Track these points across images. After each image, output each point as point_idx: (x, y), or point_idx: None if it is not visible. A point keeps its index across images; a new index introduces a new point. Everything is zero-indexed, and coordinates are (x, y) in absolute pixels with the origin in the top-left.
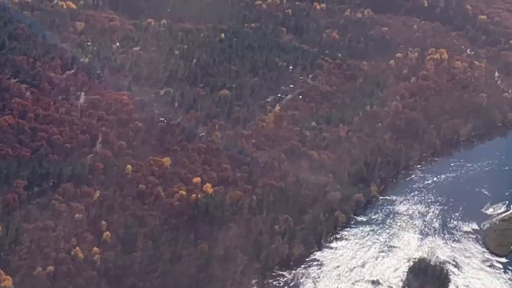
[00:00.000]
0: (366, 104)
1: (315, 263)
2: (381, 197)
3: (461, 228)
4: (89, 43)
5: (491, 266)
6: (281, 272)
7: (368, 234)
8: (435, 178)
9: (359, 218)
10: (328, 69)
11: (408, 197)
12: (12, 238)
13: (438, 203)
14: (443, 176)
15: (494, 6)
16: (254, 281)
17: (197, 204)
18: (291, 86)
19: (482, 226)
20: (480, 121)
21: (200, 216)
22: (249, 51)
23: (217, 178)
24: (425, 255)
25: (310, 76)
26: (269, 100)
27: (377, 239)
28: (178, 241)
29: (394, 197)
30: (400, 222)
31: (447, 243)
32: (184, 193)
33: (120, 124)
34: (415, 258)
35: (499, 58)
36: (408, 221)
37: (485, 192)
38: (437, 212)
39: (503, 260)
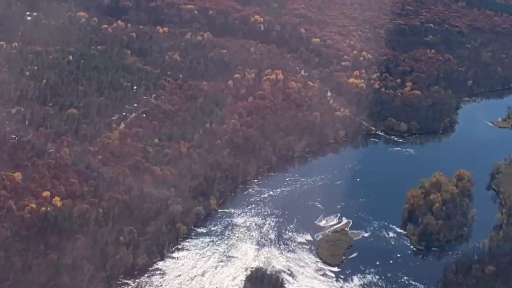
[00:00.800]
0: (206, 122)
1: (158, 272)
2: (220, 210)
3: (295, 239)
4: None
5: (324, 275)
6: (125, 281)
7: (208, 245)
8: (271, 192)
9: (199, 230)
10: (170, 89)
11: (246, 210)
12: None
13: (274, 216)
14: (278, 190)
15: (327, 29)
16: None
17: (47, 216)
18: (135, 105)
19: (315, 237)
20: (313, 138)
21: (50, 228)
22: (95, 72)
23: (66, 192)
24: (262, 265)
25: (153, 95)
26: (114, 118)
27: (217, 249)
28: (29, 251)
29: (233, 210)
30: (238, 233)
31: (282, 253)
32: (34, 206)
33: None
34: (252, 268)
35: (331, 79)
36: (246, 232)
37: (318, 205)
38: (273, 224)
39: (335, 269)
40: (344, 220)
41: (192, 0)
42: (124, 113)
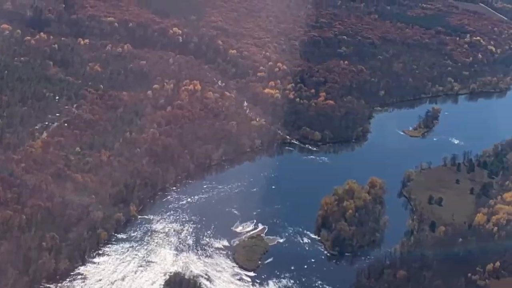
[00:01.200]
0: (126, 131)
1: (80, 276)
2: (139, 216)
3: (213, 245)
4: None
5: (240, 279)
6: (48, 285)
7: (128, 250)
8: (189, 199)
9: (119, 236)
10: (91, 99)
11: (165, 216)
12: None
13: (192, 222)
14: (196, 197)
15: (243, 41)
16: None
17: None
18: (58, 115)
19: (232, 243)
20: (230, 147)
21: None
22: (18, 83)
23: None
24: (180, 270)
25: (75, 105)
26: (37, 127)
27: (136, 254)
28: None
29: (152, 216)
30: (157, 239)
31: (200, 258)
32: None
33: None
34: (170, 272)
35: (248, 89)
36: (165, 238)
37: (235, 211)
38: (191, 230)
39: (251, 274)
40: (260, 226)
41: (112, 12)
42: (46, 123)
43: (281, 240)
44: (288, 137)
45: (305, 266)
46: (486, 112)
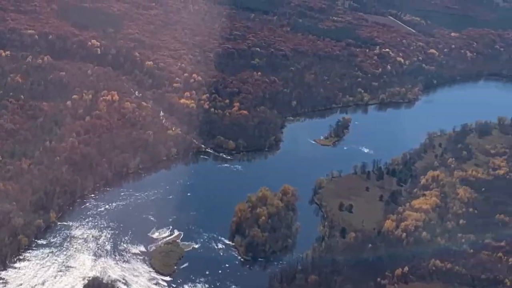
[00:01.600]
0: (46, 140)
1: (1, 281)
2: (59, 223)
3: (130, 250)
4: None
5: (156, 284)
6: None
7: (48, 256)
8: (107, 206)
9: (40, 242)
10: (12, 109)
11: (83, 223)
12: None
13: (110, 228)
14: (114, 204)
15: (160, 53)
16: None
17: None
18: None
19: (148, 249)
20: (147, 156)
21: None
22: None
23: None
24: (98, 274)
25: None
26: None
27: (56, 260)
28: None
29: (71, 223)
30: (76, 245)
31: (117, 263)
32: None
33: None
34: (89, 277)
35: (164, 99)
36: (83, 244)
37: (151, 218)
38: (109, 236)
39: (168, 278)
40: (176, 232)
41: (32, 25)
42: None
43: (196, 246)
44: (203, 146)
45: (220, 271)
46: (395, 121)
